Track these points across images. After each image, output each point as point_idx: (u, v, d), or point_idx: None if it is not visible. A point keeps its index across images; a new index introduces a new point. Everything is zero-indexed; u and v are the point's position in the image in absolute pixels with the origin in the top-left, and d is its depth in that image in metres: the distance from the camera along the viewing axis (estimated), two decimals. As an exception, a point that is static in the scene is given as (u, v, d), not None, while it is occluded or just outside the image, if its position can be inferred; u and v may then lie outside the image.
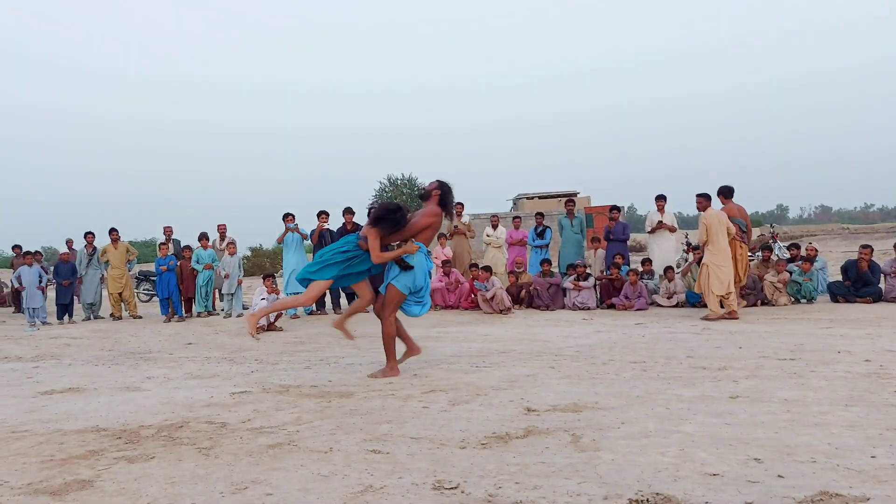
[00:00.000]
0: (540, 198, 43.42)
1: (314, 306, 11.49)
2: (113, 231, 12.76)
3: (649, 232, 12.06)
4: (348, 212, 11.69)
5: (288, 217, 11.46)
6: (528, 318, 10.26)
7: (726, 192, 9.98)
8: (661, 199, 11.92)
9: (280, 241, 11.70)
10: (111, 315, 12.68)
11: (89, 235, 12.72)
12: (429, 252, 6.12)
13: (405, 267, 5.77)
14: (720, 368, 5.43)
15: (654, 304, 11.05)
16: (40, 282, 12.13)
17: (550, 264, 11.63)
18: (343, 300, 11.77)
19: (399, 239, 5.85)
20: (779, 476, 2.86)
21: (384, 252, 5.79)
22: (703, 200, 9.53)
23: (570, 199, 13.32)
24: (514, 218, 13.66)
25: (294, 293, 11.16)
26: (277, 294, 10.39)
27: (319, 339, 8.62)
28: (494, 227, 13.21)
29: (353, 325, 6.99)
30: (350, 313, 6.53)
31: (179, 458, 3.43)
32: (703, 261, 9.22)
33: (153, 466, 3.30)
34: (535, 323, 9.47)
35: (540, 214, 13.16)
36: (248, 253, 36.92)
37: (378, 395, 4.83)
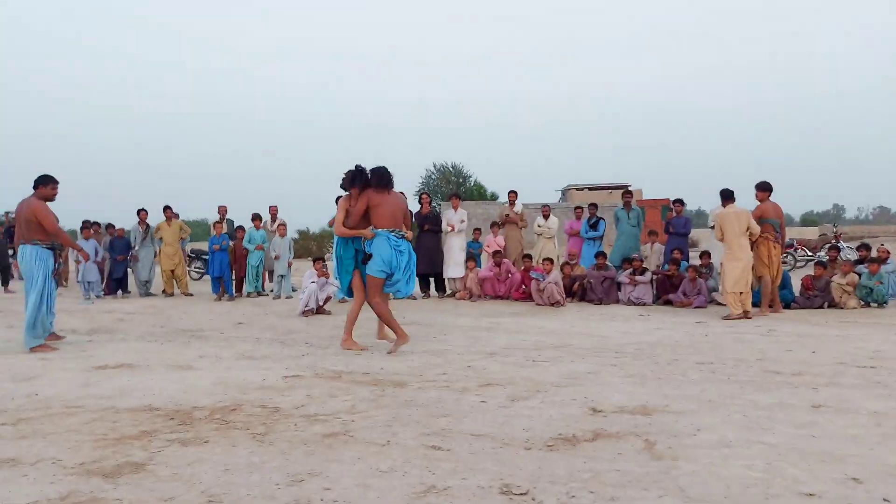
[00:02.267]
0: (590, 189, 42.73)
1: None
2: (167, 208, 12.88)
3: (711, 227, 11.60)
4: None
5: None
6: (581, 311, 9.97)
7: (763, 189, 9.56)
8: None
9: (331, 224, 11.59)
10: (163, 292, 12.84)
11: (142, 212, 12.86)
12: (403, 235, 6.53)
13: (367, 258, 6.39)
14: (795, 374, 5.09)
15: (713, 301, 10.64)
16: (96, 256, 12.34)
17: (605, 257, 11.29)
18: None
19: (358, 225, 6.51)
20: (885, 501, 2.58)
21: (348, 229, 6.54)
22: (723, 199, 9.45)
23: (626, 190, 12.91)
24: (576, 208, 13.32)
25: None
26: (327, 278, 10.31)
27: (369, 324, 8.50)
28: (546, 217, 12.92)
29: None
30: (351, 322, 6.78)
31: (233, 443, 3.31)
32: (721, 260, 9.22)
33: (207, 451, 3.19)
34: (589, 317, 9.19)
35: (593, 205, 12.80)
36: (297, 236, 37.35)
37: (433, 387, 4.66)
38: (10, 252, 18.28)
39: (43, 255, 6.64)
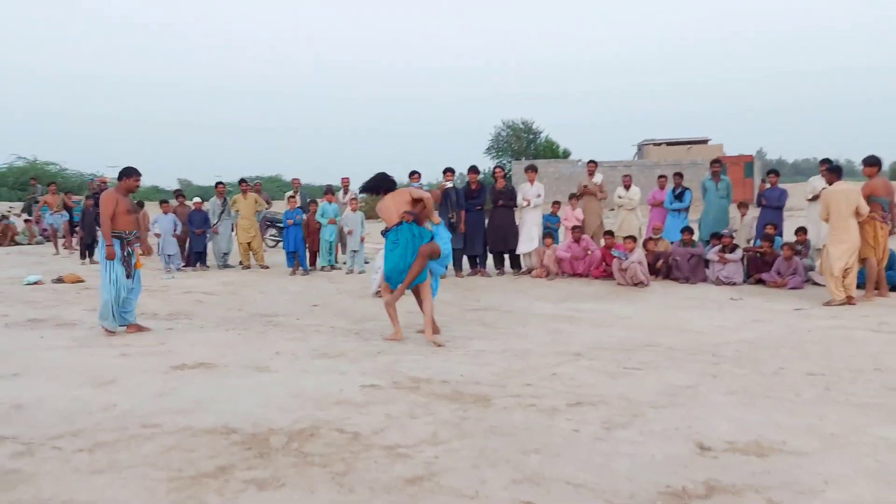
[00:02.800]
0: (668, 144, 41.00)
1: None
2: (243, 181, 12.90)
3: (809, 200, 10.75)
4: (473, 171, 11.17)
5: (414, 175, 11.06)
6: (666, 292, 9.44)
7: (872, 164, 8.67)
8: (826, 163, 10.54)
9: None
10: (240, 263, 12.96)
11: (220, 185, 12.93)
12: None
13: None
14: (925, 394, 4.54)
15: (809, 281, 9.90)
16: (175, 229, 12.52)
17: (692, 232, 10.65)
18: (465, 262, 11.31)
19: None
20: None
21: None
22: (830, 174, 8.65)
23: (716, 159, 12.09)
24: (660, 177, 12.62)
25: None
26: None
27: (443, 309, 8.25)
28: (627, 187, 12.28)
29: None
30: (429, 320, 6.61)
31: (312, 487, 3.10)
32: (824, 241, 8.64)
33: (285, 498, 2.99)
34: (677, 302, 8.67)
35: (678, 175, 12.06)
36: (368, 199, 37.53)
37: (518, 405, 4.35)
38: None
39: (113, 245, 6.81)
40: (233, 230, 13.05)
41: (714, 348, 6.02)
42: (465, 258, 11.21)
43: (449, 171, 11.21)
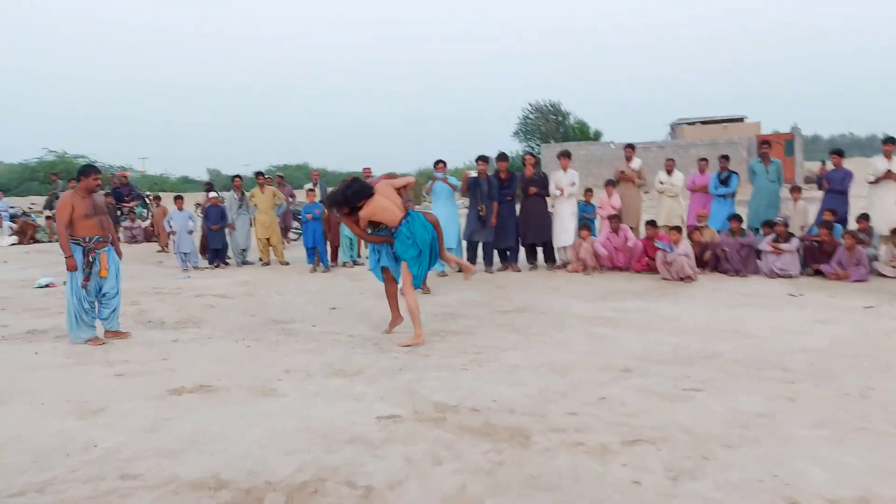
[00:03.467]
0: (703, 123, 39.60)
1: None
2: (259, 175, 12.34)
3: (871, 183, 9.83)
4: (501, 158, 10.46)
5: (438, 165, 10.34)
6: (716, 287, 8.65)
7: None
8: (890, 142, 9.61)
9: (428, 191, 10.65)
10: (259, 260, 12.43)
11: (237, 179, 12.39)
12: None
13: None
14: None
15: (873, 272, 9.03)
16: (190, 226, 12.02)
17: (741, 221, 9.80)
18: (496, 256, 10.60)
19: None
20: None
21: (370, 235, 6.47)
22: None
23: (765, 140, 11.19)
24: (700, 160, 11.74)
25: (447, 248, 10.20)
26: None
27: (471, 311, 7.59)
28: (669, 171, 11.41)
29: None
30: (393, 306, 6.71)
31: (309, 575, 2.47)
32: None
33: (273, 593, 2.37)
34: (729, 298, 7.88)
35: (724, 157, 11.17)
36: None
37: (562, 443, 3.67)
38: (120, 214, 18.62)
39: (70, 251, 6.35)
40: (251, 225, 12.50)
41: (781, 359, 5.26)
42: (495, 252, 10.50)
43: (482, 160, 10.44)
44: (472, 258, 10.51)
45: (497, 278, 9.71)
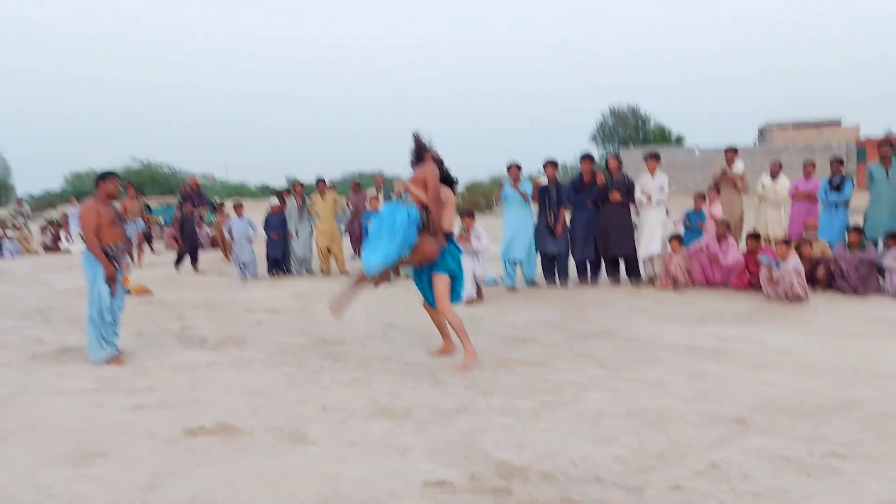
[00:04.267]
0: (795, 127, 37.16)
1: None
2: (320, 181, 11.75)
3: None
4: (586, 158, 9.51)
5: (511, 169, 9.39)
6: (833, 310, 7.38)
7: None
8: None
9: (498, 199, 9.81)
10: (321, 270, 11.82)
11: (297, 185, 11.82)
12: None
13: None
14: None
15: None
16: (251, 234, 11.53)
17: (861, 234, 8.46)
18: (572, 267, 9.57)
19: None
20: None
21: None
22: None
23: (885, 140, 9.74)
24: (807, 164, 10.38)
25: (513, 261, 9.26)
26: (469, 242, 8.63)
27: (544, 335, 6.63)
28: (774, 176, 10.10)
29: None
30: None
31: None
32: None
33: None
34: (852, 326, 6.63)
35: (838, 161, 9.80)
36: (463, 191, 35.94)
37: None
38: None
39: (92, 260, 5.86)
40: (312, 234, 11.90)
41: (949, 415, 4.09)
42: (572, 266, 9.50)
43: (550, 165, 9.49)
44: (548, 272, 9.52)
45: (573, 295, 8.69)
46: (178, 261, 12.78)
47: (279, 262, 11.68)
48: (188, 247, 12.74)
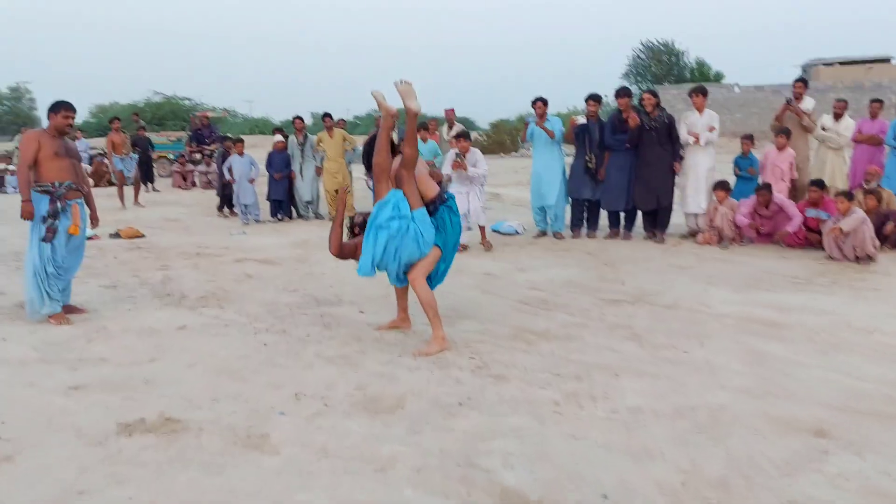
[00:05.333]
0: (841, 64, 34.83)
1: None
2: (326, 116, 10.73)
3: None
4: (622, 94, 8.33)
5: (537, 104, 8.30)
6: (907, 274, 6.36)
7: None
8: None
9: (523, 138, 8.79)
10: (329, 214, 10.95)
11: (297, 120, 10.81)
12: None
13: None
14: None
15: None
16: (251, 172, 10.65)
17: (938, 183, 7.33)
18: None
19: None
20: None
21: None
22: None
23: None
24: (873, 102, 9.14)
25: (540, 207, 8.34)
26: (465, 169, 7.86)
27: (569, 297, 5.72)
28: (838, 116, 8.87)
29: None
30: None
31: None
32: None
33: None
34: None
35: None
36: (488, 129, 34.53)
37: None
38: (200, 157, 17.61)
39: (36, 200, 5.09)
40: (318, 175, 10.97)
41: None
42: (603, 215, 8.51)
43: (592, 100, 8.39)
44: (577, 220, 8.55)
45: (604, 249, 7.73)
46: (221, 205, 11.67)
47: (282, 204, 10.81)
48: (222, 188, 11.55)
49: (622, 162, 8.04)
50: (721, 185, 7.70)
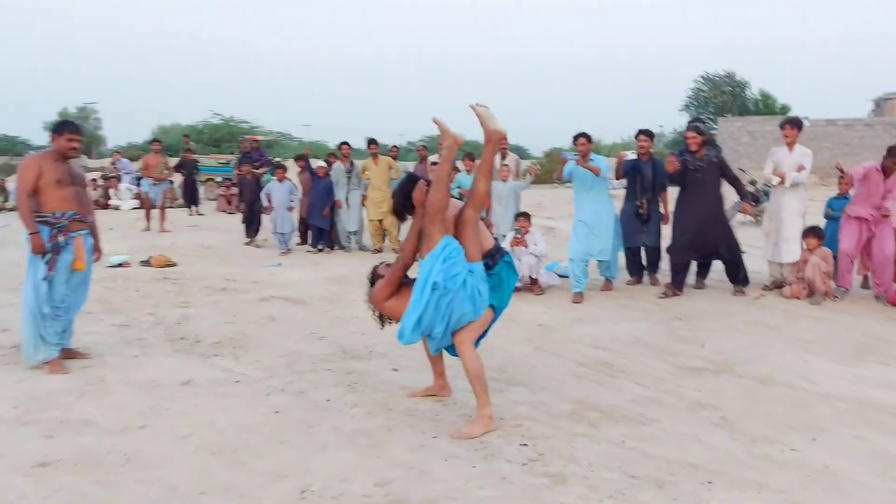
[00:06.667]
0: (921, 99, 32.95)
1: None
2: (372, 143, 10.13)
3: None
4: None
5: (579, 140, 7.08)
6: None
7: None
8: None
9: (559, 176, 7.41)
10: (373, 247, 10.30)
11: (344, 146, 10.23)
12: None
13: None
14: None
15: None
16: (290, 199, 10.11)
17: None
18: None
19: None
20: None
21: None
22: None
23: None
24: None
25: (585, 259, 7.11)
26: (525, 246, 6.97)
27: (636, 359, 4.86)
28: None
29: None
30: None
31: None
32: None
33: None
34: None
35: None
36: (542, 157, 33.70)
37: None
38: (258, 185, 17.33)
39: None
40: (363, 204, 10.36)
41: None
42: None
43: (644, 135, 7.32)
44: (635, 271, 7.62)
45: (676, 301, 6.80)
46: (248, 231, 11.00)
47: (323, 233, 10.20)
48: (250, 215, 10.93)
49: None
50: (812, 232, 6.71)
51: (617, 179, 7.85)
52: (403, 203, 3.91)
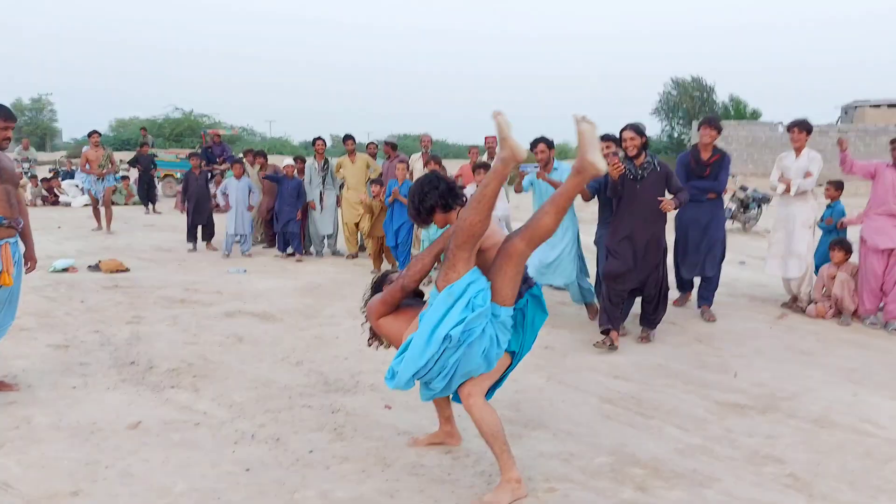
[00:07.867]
0: (889, 106, 33.25)
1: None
2: (348, 139, 9.31)
3: None
4: (709, 124, 6.35)
5: (539, 146, 6.05)
6: None
7: None
8: None
9: (518, 189, 6.39)
10: (347, 252, 9.50)
11: (319, 142, 9.38)
12: None
13: None
14: None
15: None
16: (249, 198, 9.26)
17: None
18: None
19: None
20: None
21: None
22: None
23: None
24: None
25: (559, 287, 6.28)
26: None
27: (663, 390, 4.19)
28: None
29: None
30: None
31: None
32: None
33: None
34: None
35: None
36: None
37: None
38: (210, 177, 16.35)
39: None
40: (339, 205, 9.55)
41: None
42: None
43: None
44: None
45: (698, 328, 6.09)
46: (190, 235, 9.72)
47: (290, 238, 9.31)
48: (196, 216, 9.70)
49: (697, 215, 6.16)
50: (840, 245, 6.14)
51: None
52: (419, 210, 3.14)
